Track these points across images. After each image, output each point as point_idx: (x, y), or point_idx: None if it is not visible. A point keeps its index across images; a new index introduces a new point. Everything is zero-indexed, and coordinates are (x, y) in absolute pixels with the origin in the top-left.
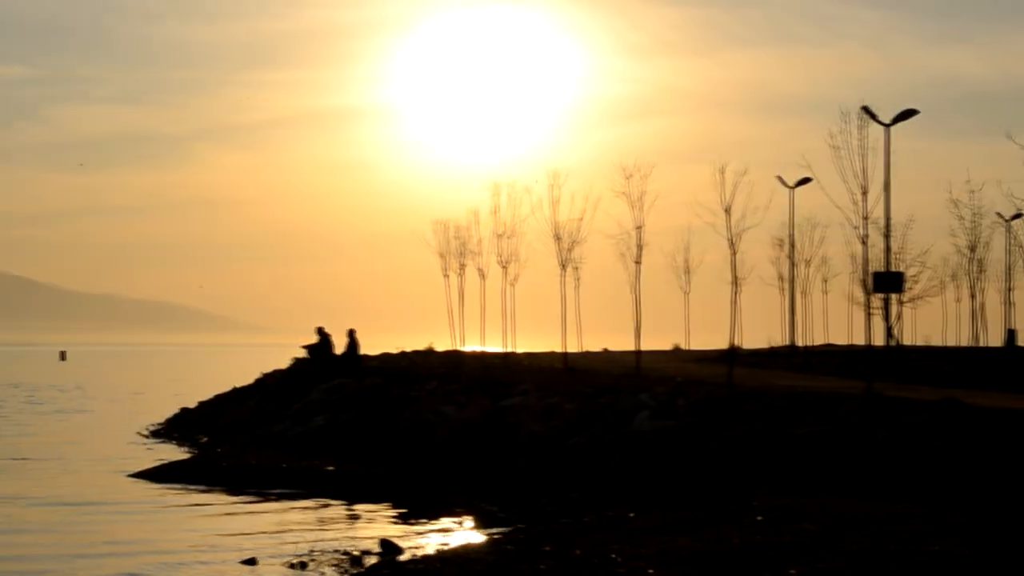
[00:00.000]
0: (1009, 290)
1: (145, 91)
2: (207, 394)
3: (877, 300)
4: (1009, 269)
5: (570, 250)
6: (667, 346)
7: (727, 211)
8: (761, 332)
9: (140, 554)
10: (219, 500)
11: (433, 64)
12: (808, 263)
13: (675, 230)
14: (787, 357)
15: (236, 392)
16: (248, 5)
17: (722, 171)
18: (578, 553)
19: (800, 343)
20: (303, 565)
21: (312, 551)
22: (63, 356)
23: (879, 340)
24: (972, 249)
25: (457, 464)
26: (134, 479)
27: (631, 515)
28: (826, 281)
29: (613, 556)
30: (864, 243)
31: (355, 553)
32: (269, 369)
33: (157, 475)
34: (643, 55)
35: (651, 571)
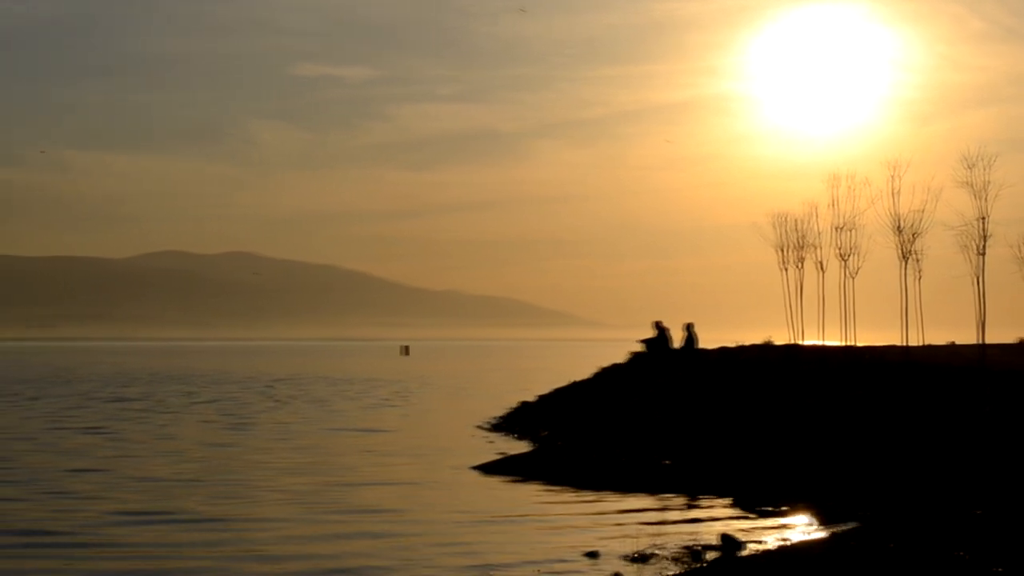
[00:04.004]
0: None
1: (486, 89)
2: (546, 388)
3: None
4: None
5: (911, 242)
6: (1013, 339)
7: None
8: None
9: (482, 545)
10: (559, 493)
11: (769, 57)
12: None
13: (1021, 220)
14: None
15: (574, 386)
16: (587, 0)
17: None
18: (923, 550)
19: None
20: (644, 559)
21: (652, 545)
22: (406, 351)
23: None
24: None
25: (796, 457)
26: (475, 471)
27: (978, 512)
28: None
29: (960, 554)
30: None
31: (696, 547)
32: (607, 363)
33: (498, 468)
34: (985, 42)
35: (999, 570)
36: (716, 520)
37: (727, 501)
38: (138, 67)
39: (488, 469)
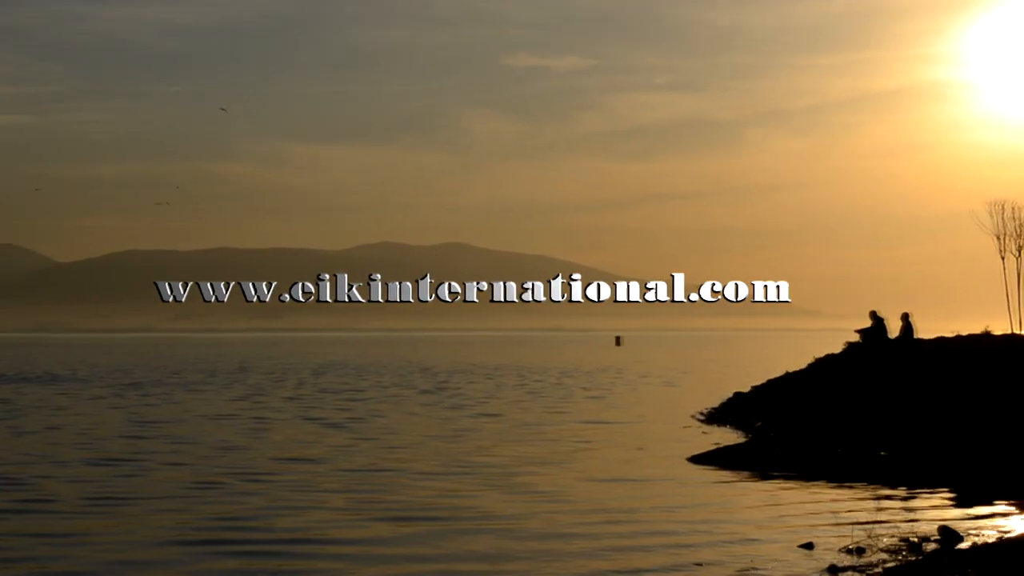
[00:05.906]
0: None
1: (700, 77)
2: (761, 378)
3: None
4: None
5: None
6: None
7: None
8: None
9: (696, 536)
10: (774, 484)
11: (986, 43)
12: None
13: None
14: None
15: (788, 377)
16: None
17: None
18: None
19: None
20: (860, 551)
21: (868, 536)
22: (619, 341)
23: None
24: None
25: (1017, 450)
26: (691, 463)
27: None
28: None
29: None
30: None
31: (913, 540)
32: (822, 353)
33: (713, 459)
34: None
35: None
36: (934, 512)
37: (945, 493)
38: (354, 59)
39: (703, 460)
